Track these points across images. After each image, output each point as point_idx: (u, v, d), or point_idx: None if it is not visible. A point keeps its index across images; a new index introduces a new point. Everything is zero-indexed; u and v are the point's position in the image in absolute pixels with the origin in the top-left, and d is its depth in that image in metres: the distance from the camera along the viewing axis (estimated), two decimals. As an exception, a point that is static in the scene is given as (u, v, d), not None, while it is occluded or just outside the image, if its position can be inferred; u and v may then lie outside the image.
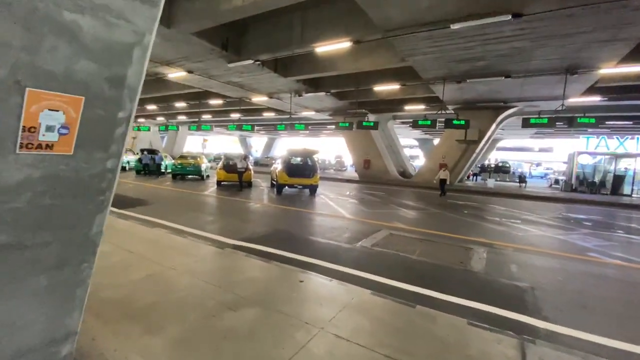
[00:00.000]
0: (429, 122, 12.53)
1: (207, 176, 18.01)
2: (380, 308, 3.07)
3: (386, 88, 13.88)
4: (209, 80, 13.85)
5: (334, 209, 9.60)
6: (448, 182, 14.18)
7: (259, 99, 17.42)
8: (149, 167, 18.63)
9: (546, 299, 3.91)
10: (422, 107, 17.16)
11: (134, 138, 35.01)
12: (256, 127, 22.78)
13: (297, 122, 18.26)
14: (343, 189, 15.95)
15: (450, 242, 6.23)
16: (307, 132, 41.82)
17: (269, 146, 53.98)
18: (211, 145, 55.64)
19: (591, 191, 18.86)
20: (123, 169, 20.62)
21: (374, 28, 8.06)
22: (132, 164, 20.46)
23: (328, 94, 14.89)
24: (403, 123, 26.34)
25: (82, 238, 1.63)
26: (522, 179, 22.57)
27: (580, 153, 21.05)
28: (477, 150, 18.55)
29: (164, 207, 8.61)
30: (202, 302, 2.95)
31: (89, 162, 1.42)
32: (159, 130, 32.30)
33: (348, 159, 43.85)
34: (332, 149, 50.34)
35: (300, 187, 12.42)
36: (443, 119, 13.85)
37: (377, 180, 20.85)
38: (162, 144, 37.06)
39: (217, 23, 7.85)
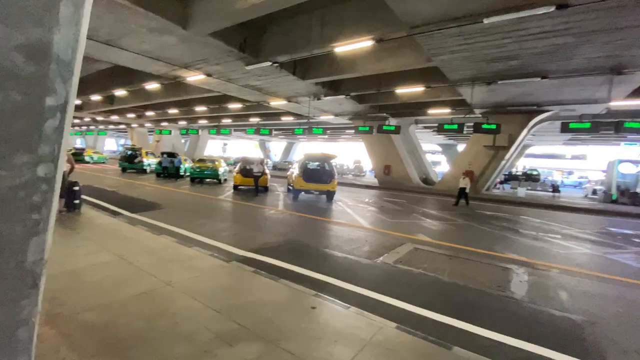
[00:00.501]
0: (455, 127, 11.77)
1: (225, 180, 17.92)
2: (409, 349, 2.51)
3: (409, 90, 13.22)
4: (228, 84, 13.72)
5: (352, 217, 9.04)
6: (468, 191, 13.23)
7: (277, 103, 17.19)
8: (168, 170, 18.78)
9: (609, 337, 3.20)
10: (447, 110, 16.32)
11: (157, 141, 35.97)
12: (275, 132, 22.67)
13: (316, 126, 17.86)
14: (362, 196, 15.33)
15: (484, 260, 5.53)
16: (326, 136, 41.49)
17: (287, 150, 54.06)
18: (232, 149, 56.50)
19: (633, 203, 17.23)
20: (144, 171, 21.03)
21: (399, 25, 7.53)
22: (154, 166, 20.76)
23: (348, 97, 14.40)
24: (426, 128, 25.42)
25: (13, 270, 1.21)
26: (555, 188, 21.07)
27: (622, 161, 19.36)
28: (507, 156, 17.42)
29: (176, 212, 8.37)
30: (195, 333, 2.50)
31: (6, 168, 1.00)
32: (180, 133, 32.88)
33: (367, 164, 43.12)
34: (351, 154, 49.74)
35: (317, 192, 11.94)
36: (471, 123, 13.00)
37: (398, 186, 20.06)
38: (185, 148, 37.80)
39: (234, 22, 7.59)
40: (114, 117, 30.02)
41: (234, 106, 20.36)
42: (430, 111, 17.19)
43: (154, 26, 8.03)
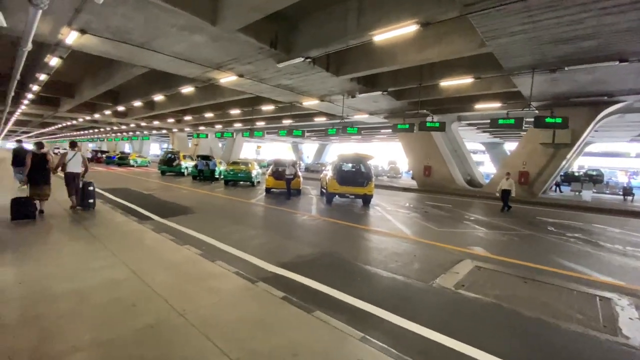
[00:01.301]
0: (512, 121, 10.29)
1: (258, 182, 17.70)
2: None
3: (455, 83, 11.91)
4: (260, 84, 13.35)
5: (394, 225, 8.09)
6: (513, 194, 11.62)
7: (309, 103, 16.60)
8: (203, 173, 19.02)
9: None
10: (496, 105, 14.67)
11: (196, 145, 37.22)
12: (307, 133, 22.16)
13: (350, 125, 17.01)
14: (400, 200, 14.22)
15: (569, 285, 4.37)
16: (359, 137, 40.37)
17: (320, 152, 53.60)
18: (265, 151, 57.33)
19: None
20: (182, 174, 21.54)
21: (449, 4, 6.51)
22: (191, 169, 21.21)
23: (385, 93, 13.40)
24: (469, 125, 23.50)
25: None
26: (627, 191, 18.26)
27: None
28: (568, 155, 15.33)
29: (206, 217, 7.99)
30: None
31: None
32: (216, 137, 33.68)
33: (403, 165, 41.30)
34: (385, 154, 48.08)
35: (353, 196, 11.08)
36: (531, 118, 11.40)
37: (439, 189, 18.56)
38: (221, 151, 38.72)
39: (264, 13, 7.04)
40: (156, 123, 31.38)
41: (267, 108, 20.14)
42: (478, 106, 15.60)
43: (183, 24, 7.74)
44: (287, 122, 24.64)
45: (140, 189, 12.93)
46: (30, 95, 17.27)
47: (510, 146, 38.28)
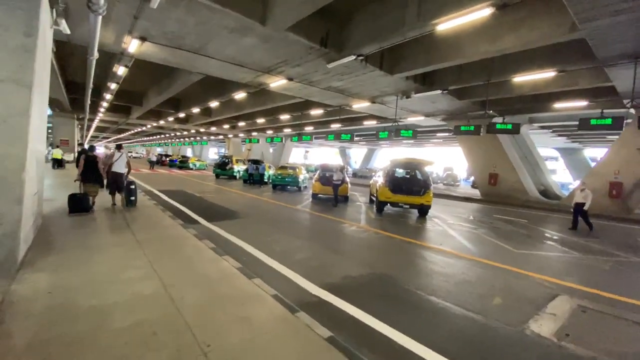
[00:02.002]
0: (608, 121, 8.37)
1: (305, 187, 17.42)
2: None
3: (532, 78, 10.22)
4: (309, 87, 13.01)
5: (459, 242, 6.95)
6: (586, 208, 9.12)
7: (359, 105, 15.85)
8: (253, 177, 19.36)
9: None
10: (582, 103, 12.46)
11: (249, 150, 38.68)
12: (355, 137, 21.48)
13: (404, 128, 15.86)
14: (462, 211, 12.71)
15: None
16: (411, 141, 38.37)
17: (368, 157, 52.19)
18: (312, 156, 57.73)
19: None
20: (234, 177, 22.23)
21: (535, -22, 5.35)
22: (242, 173, 21.82)
23: (445, 92, 12.10)
24: (542, 128, 20.65)
25: None
26: None
27: None
28: (680, 163, 12.40)
29: (251, 222, 7.69)
30: None
31: None
32: (266, 141, 34.57)
33: (460, 172, 38.17)
34: (440, 160, 45.04)
35: (407, 206, 10.01)
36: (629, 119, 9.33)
37: (507, 200, 16.40)
38: (271, 156, 39.69)
39: (315, 7, 6.54)
40: (213, 129, 33.20)
41: (315, 112, 19.87)
42: (557, 105, 13.42)
43: (233, 26, 7.61)
44: (335, 126, 24.16)
45: (194, 191, 13.34)
46: (104, 104, 19.18)
47: (590, 152, 33.26)
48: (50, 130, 26.92)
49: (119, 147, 7.93)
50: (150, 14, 6.96)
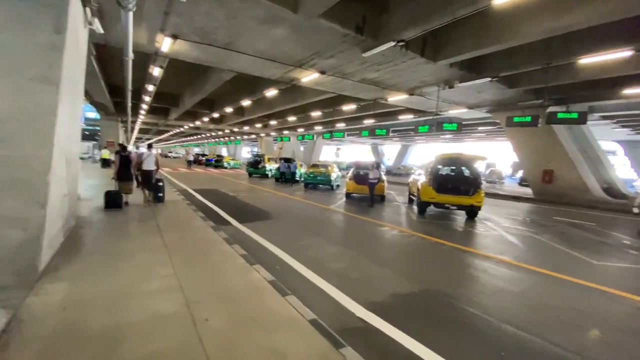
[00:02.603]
0: None
1: (337, 186, 16.83)
2: None
3: (603, 59, 8.76)
4: (343, 81, 12.37)
5: (522, 251, 5.98)
6: None
7: (396, 98, 14.91)
8: (285, 175, 19.15)
9: None
10: (663, 87, 10.63)
11: (280, 148, 38.87)
12: (390, 133, 20.49)
13: (446, 121, 14.67)
14: (514, 212, 11.42)
15: None
16: (449, 136, 36.27)
17: (401, 154, 50.26)
18: (344, 153, 56.88)
19: None
20: (266, 176, 22.22)
21: None
22: (274, 171, 21.74)
23: (494, 79, 10.85)
24: (603, 118, 18.28)
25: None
26: None
27: None
28: None
29: (283, 224, 7.26)
30: None
31: None
32: (297, 139, 34.40)
33: (504, 168, 35.40)
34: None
35: (454, 207, 9.03)
36: None
37: (565, 199, 14.61)
38: (302, 154, 39.54)
39: (350, -11, 5.94)
40: (246, 128, 33.65)
41: (348, 108, 19.15)
42: (628, 91, 11.60)
43: (263, 16, 7.20)
44: (368, 122, 23.23)
45: (227, 190, 13.28)
46: (144, 106, 19.90)
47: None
48: (99, 133, 28.73)
49: (149, 147, 8.59)
50: (180, 8, 6.73)
